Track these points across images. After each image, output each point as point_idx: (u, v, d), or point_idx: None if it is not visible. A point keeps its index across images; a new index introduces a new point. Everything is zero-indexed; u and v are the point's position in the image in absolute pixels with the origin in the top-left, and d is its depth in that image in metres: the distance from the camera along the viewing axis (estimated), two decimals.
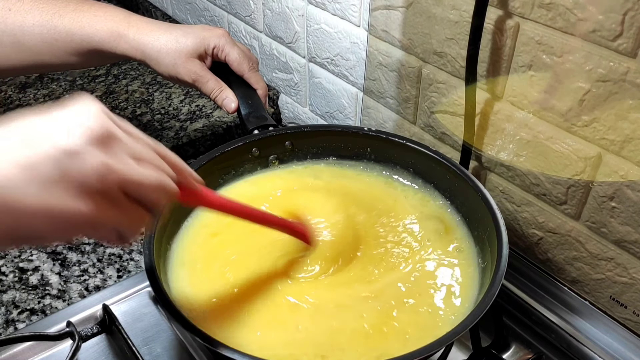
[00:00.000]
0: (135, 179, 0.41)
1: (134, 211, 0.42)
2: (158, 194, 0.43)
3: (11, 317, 0.69)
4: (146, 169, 0.42)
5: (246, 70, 0.77)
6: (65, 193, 0.38)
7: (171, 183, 0.44)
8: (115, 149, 0.40)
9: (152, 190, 0.42)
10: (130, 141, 0.42)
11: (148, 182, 0.41)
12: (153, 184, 0.42)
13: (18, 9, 0.74)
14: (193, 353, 0.61)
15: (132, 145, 0.42)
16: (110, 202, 0.40)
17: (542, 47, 0.59)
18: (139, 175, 0.41)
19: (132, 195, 0.41)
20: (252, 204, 0.56)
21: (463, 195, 0.66)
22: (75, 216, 0.38)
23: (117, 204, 0.40)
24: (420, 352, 0.48)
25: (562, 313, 0.66)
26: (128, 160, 0.41)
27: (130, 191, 0.41)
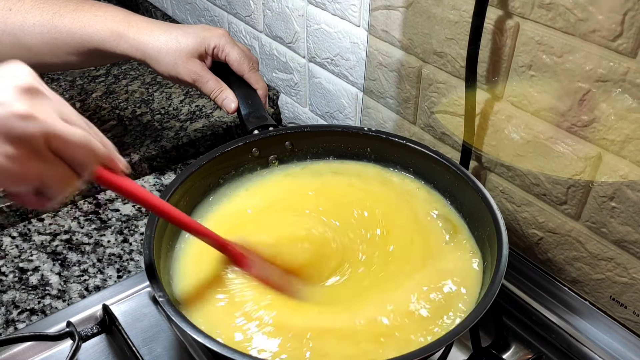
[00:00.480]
0: (60, 132, 0.40)
1: (58, 167, 0.41)
2: (84, 152, 0.42)
3: (11, 317, 0.69)
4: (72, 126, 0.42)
5: (246, 70, 0.77)
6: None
7: (98, 145, 0.44)
8: (42, 103, 0.40)
9: (78, 148, 0.41)
10: (57, 100, 0.42)
11: (74, 138, 0.41)
12: (80, 141, 0.41)
13: (18, 8, 0.74)
14: (193, 353, 0.61)
15: (59, 104, 0.42)
16: (33, 154, 0.39)
17: (542, 47, 0.59)
18: (66, 130, 0.41)
19: (56, 150, 0.41)
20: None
21: (463, 196, 0.66)
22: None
23: (41, 157, 0.40)
24: (420, 352, 0.48)
25: (562, 313, 0.66)
26: (55, 115, 0.41)
27: (55, 145, 0.40)
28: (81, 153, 0.42)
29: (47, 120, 0.40)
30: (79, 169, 0.43)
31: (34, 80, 0.41)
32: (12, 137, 0.38)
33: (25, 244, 0.79)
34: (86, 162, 0.43)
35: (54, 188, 0.42)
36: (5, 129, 0.38)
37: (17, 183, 0.41)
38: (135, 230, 0.81)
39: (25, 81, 0.40)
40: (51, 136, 0.40)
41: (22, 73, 0.41)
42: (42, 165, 0.40)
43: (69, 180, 0.43)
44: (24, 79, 0.40)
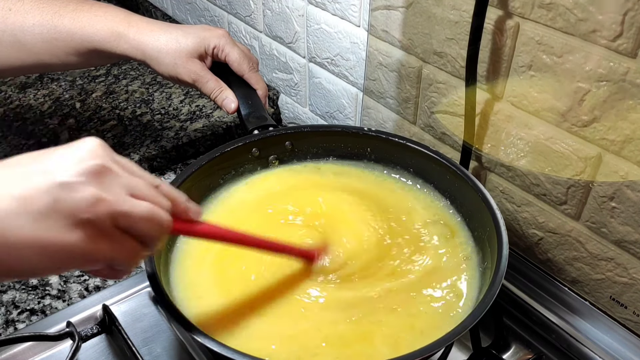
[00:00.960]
0: (126, 210, 0.41)
1: (126, 244, 0.42)
2: (149, 225, 0.43)
3: (11, 317, 0.69)
4: (138, 201, 0.42)
5: (246, 70, 0.77)
6: (57, 224, 0.38)
7: (163, 214, 0.44)
8: (109, 182, 0.41)
9: (143, 221, 0.42)
10: (125, 175, 0.42)
11: (139, 212, 0.42)
12: (144, 215, 0.42)
13: (18, 9, 0.74)
14: (193, 353, 0.61)
15: (127, 179, 0.42)
16: (101, 234, 0.40)
17: (542, 47, 0.59)
18: (131, 207, 0.41)
19: (123, 227, 0.41)
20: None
21: (463, 196, 0.66)
22: (67, 247, 0.39)
23: (109, 236, 0.41)
24: (421, 352, 0.48)
25: (562, 313, 0.66)
26: (121, 193, 0.41)
27: (122, 223, 0.41)
28: (147, 227, 0.43)
29: (114, 201, 0.40)
30: (147, 241, 0.43)
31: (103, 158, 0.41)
32: (80, 220, 0.39)
33: None
34: (153, 235, 0.43)
35: (124, 262, 0.43)
36: (74, 213, 0.38)
37: (86, 263, 0.41)
38: None
39: (93, 161, 0.40)
40: (117, 215, 0.40)
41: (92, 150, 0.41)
42: (110, 244, 0.41)
43: (138, 253, 0.43)
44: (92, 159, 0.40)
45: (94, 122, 1.01)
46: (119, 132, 0.98)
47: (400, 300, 0.58)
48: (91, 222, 0.39)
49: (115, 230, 0.41)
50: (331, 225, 0.66)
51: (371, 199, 0.70)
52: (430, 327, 0.55)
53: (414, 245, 0.64)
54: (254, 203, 0.70)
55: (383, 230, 0.65)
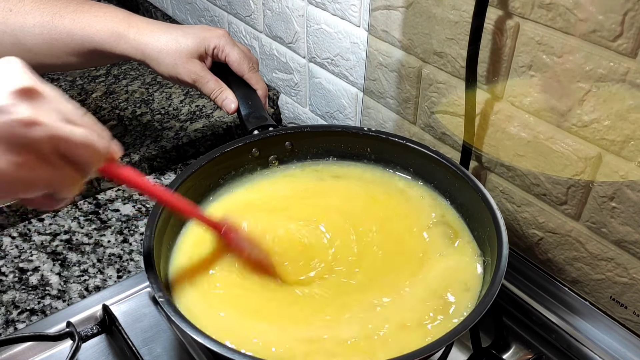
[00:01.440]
0: (65, 135, 0.40)
1: (65, 170, 0.41)
2: (88, 151, 0.42)
3: (11, 317, 0.69)
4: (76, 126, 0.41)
5: (246, 70, 0.77)
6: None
7: (100, 141, 0.43)
8: (42, 105, 0.39)
9: (82, 147, 0.41)
10: (57, 100, 0.41)
11: (79, 139, 0.41)
12: (83, 140, 0.41)
13: (19, 9, 0.74)
14: (193, 353, 0.61)
15: (59, 104, 0.41)
16: (40, 160, 0.39)
17: (542, 48, 0.59)
18: (70, 132, 0.40)
19: (62, 153, 0.40)
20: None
21: (463, 196, 0.66)
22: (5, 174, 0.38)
23: (48, 160, 0.40)
24: (421, 352, 0.48)
25: (562, 313, 0.66)
26: (57, 116, 0.40)
27: (61, 148, 0.40)
28: (86, 153, 0.42)
29: (52, 124, 0.39)
30: (85, 169, 0.43)
31: (31, 80, 0.40)
32: (18, 144, 0.38)
33: (25, 244, 0.79)
34: (91, 162, 0.43)
35: (63, 190, 0.42)
36: (10, 137, 0.37)
37: (26, 190, 0.40)
38: (135, 230, 0.81)
39: (23, 82, 0.39)
40: (56, 140, 0.39)
41: (18, 72, 0.40)
42: (50, 170, 0.40)
43: (77, 181, 0.43)
44: (21, 80, 0.39)
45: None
46: (119, 132, 0.98)
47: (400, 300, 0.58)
48: (30, 147, 0.38)
49: (54, 156, 0.40)
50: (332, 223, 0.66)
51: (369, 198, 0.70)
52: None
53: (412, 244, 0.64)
54: (254, 203, 0.70)
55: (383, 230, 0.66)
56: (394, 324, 0.55)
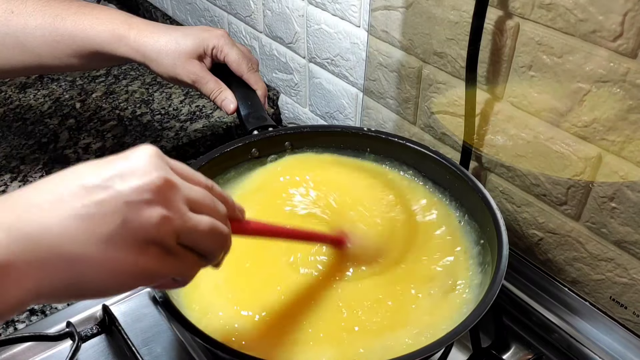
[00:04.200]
0: (190, 228, 0.40)
1: (189, 259, 0.41)
2: (212, 240, 0.42)
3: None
4: (200, 215, 0.41)
5: (245, 70, 0.77)
6: (125, 245, 0.36)
7: (223, 227, 0.43)
8: (172, 197, 0.39)
9: (206, 237, 0.41)
10: (185, 186, 0.41)
11: (202, 229, 0.40)
12: (207, 231, 0.41)
13: (20, 11, 0.74)
14: (193, 353, 0.61)
15: (187, 191, 0.41)
16: (166, 253, 0.39)
17: (542, 48, 0.59)
18: (194, 224, 0.40)
19: (187, 244, 0.40)
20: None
21: (463, 196, 0.66)
22: (134, 268, 0.37)
23: (173, 253, 0.39)
24: (421, 352, 0.48)
25: (562, 314, 0.66)
26: (184, 208, 0.40)
27: (185, 240, 0.40)
28: (210, 242, 0.42)
29: (179, 219, 0.39)
30: (208, 255, 0.43)
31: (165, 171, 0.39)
32: (147, 241, 0.37)
33: None
34: (214, 248, 0.43)
35: (186, 276, 0.42)
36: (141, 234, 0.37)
37: (149, 282, 0.40)
38: None
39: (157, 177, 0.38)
40: (181, 234, 0.39)
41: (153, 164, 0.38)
42: (174, 261, 0.40)
43: (199, 266, 0.43)
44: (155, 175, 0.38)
45: (94, 122, 1.01)
46: (119, 132, 0.98)
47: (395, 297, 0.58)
48: (157, 242, 0.38)
49: (179, 247, 0.40)
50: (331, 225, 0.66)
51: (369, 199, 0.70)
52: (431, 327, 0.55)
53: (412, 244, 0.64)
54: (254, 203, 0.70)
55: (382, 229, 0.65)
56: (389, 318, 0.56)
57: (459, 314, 0.56)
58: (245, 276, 0.60)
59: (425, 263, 0.62)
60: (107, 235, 0.36)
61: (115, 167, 0.38)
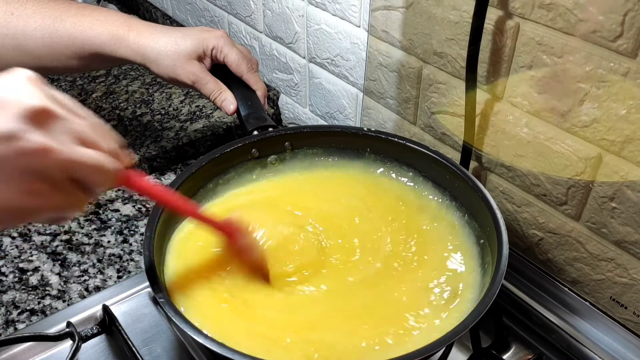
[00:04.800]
0: (76, 160, 0.39)
1: (74, 193, 0.40)
2: (99, 175, 0.41)
3: (11, 317, 0.69)
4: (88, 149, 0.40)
5: (245, 71, 0.77)
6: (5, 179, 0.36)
7: (111, 163, 0.42)
8: (54, 127, 0.38)
9: (93, 172, 0.40)
10: (70, 118, 0.40)
11: (90, 163, 0.40)
12: (95, 165, 0.40)
13: (20, 13, 0.74)
14: (193, 353, 0.61)
15: (72, 123, 0.39)
16: (51, 186, 0.38)
17: (542, 48, 0.59)
18: (82, 157, 0.39)
19: (72, 177, 0.40)
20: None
21: (463, 196, 0.66)
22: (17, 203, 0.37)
23: (58, 187, 0.39)
24: (421, 352, 0.48)
25: (563, 314, 0.66)
26: (69, 139, 0.39)
27: (72, 174, 0.39)
28: (96, 176, 0.41)
29: (64, 151, 0.38)
30: (95, 190, 0.42)
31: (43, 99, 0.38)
32: (30, 173, 0.37)
33: (25, 244, 0.79)
34: (102, 184, 0.42)
35: (72, 211, 0.42)
36: (20, 166, 0.36)
37: (34, 216, 0.40)
38: (135, 230, 0.81)
39: (34, 102, 0.37)
40: (68, 166, 0.38)
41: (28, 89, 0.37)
42: (59, 195, 0.39)
43: (86, 201, 0.42)
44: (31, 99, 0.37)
45: None
46: (119, 132, 0.97)
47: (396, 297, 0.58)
48: (41, 174, 0.37)
49: (66, 181, 0.39)
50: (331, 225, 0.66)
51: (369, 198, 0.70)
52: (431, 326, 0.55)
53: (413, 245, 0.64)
54: (253, 202, 0.70)
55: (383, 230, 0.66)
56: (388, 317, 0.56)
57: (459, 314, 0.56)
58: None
59: (425, 263, 0.62)
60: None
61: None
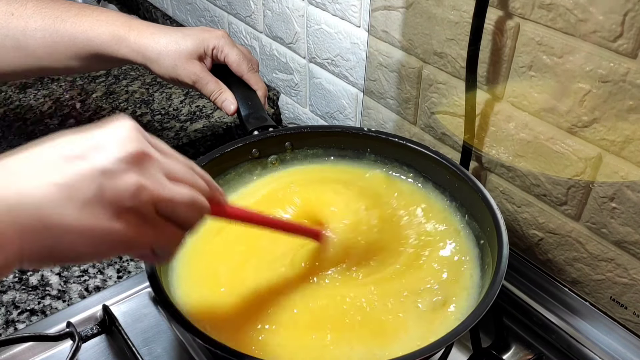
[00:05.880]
0: (168, 197, 0.41)
1: (167, 229, 0.42)
2: (191, 211, 0.43)
3: (11, 317, 0.69)
4: (179, 186, 0.42)
5: (245, 71, 0.77)
6: (102, 212, 0.38)
7: (203, 199, 0.44)
8: (149, 168, 0.40)
9: (185, 208, 0.42)
10: (164, 159, 0.42)
11: (180, 199, 0.42)
12: (185, 201, 0.42)
13: (20, 13, 0.74)
14: (193, 353, 0.61)
15: (165, 164, 0.42)
16: (144, 221, 0.40)
17: (542, 48, 0.59)
18: (172, 193, 0.41)
19: (165, 213, 0.41)
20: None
21: (463, 196, 0.66)
22: (112, 235, 0.39)
23: (151, 222, 0.41)
24: (421, 353, 0.48)
25: (563, 314, 0.66)
26: (162, 178, 0.41)
27: (163, 209, 0.41)
28: (188, 212, 0.43)
29: (156, 188, 0.40)
30: (187, 226, 0.44)
31: (141, 142, 0.40)
32: (124, 208, 0.39)
33: None
34: (193, 219, 0.44)
35: (166, 247, 0.43)
36: (118, 201, 0.38)
37: (127, 250, 0.41)
38: None
39: (133, 146, 0.40)
40: (159, 202, 0.40)
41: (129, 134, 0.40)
42: (152, 230, 0.41)
43: (179, 237, 0.44)
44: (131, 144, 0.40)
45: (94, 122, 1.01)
46: None
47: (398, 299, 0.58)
48: (134, 210, 0.39)
49: (157, 216, 0.41)
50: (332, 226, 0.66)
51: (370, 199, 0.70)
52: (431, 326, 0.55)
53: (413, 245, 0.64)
54: (254, 203, 0.70)
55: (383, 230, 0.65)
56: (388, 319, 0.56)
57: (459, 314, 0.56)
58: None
59: (425, 263, 0.62)
60: (83, 202, 0.37)
61: (92, 137, 0.40)
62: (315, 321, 0.56)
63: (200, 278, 0.61)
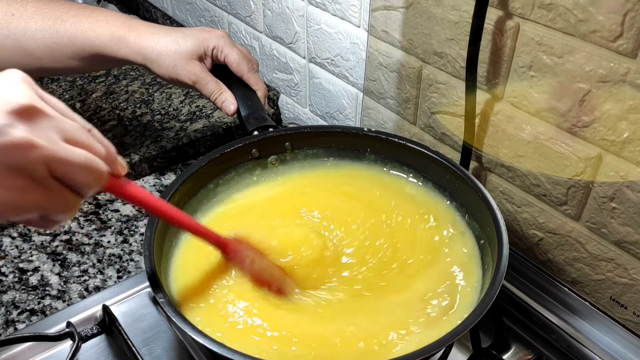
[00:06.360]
0: (62, 157, 0.38)
1: (60, 194, 0.39)
2: (86, 174, 0.40)
3: (11, 317, 0.69)
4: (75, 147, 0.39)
5: (245, 71, 0.77)
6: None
7: (101, 164, 0.41)
8: (41, 124, 0.37)
9: (80, 170, 0.39)
10: (58, 118, 0.39)
11: (76, 160, 0.39)
12: (81, 163, 0.39)
13: (21, 14, 0.74)
14: (193, 353, 0.61)
15: (61, 123, 0.39)
16: (33, 183, 0.37)
17: (542, 48, 0.59)
18: (68, 154, 0.38)
19: (58, 175, 0.39)
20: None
21: (463, 196, 0.66)
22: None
23: (42, 185, 0.38)
24: (421, 353, 0.48)
25: (563, 314, 0.66)
26: (55, 137, 0.38)
27: (56, 171, 0.38)
28: (85, 176, 0.40)
29: (48, 147, 0.37)
30: (82, 191, 0.41)
31: (32, 97, 0.38)
32: (12, 168, 0.36)
33: (25, 244, 0.79)
34: (90, 185, 0.41)
35: (59, 213, 0.41)
36: (4, 160, 0.36)
37: (19, 213, 0.39)
38: (135, 230, 0.82)
39: (22, 100, 0.37)
40: (53, 163, 0.38)
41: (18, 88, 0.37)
42: (44, 193, 0.38)
43: (73, 204, 0.41)
44: (20, 98, 0.37)
45: (94, 122, 1.01)
46: (119, 132, 0.98)
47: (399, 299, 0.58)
48: (23, 170, 0.37)
49: (50, 179, 0.38)
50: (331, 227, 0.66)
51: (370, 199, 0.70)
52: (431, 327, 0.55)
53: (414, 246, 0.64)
54: (254, 203, 0.70)
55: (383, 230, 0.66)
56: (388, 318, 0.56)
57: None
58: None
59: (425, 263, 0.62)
60: None
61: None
62: (318, 320, 0.56)
63: (201, 278, 0.61)
